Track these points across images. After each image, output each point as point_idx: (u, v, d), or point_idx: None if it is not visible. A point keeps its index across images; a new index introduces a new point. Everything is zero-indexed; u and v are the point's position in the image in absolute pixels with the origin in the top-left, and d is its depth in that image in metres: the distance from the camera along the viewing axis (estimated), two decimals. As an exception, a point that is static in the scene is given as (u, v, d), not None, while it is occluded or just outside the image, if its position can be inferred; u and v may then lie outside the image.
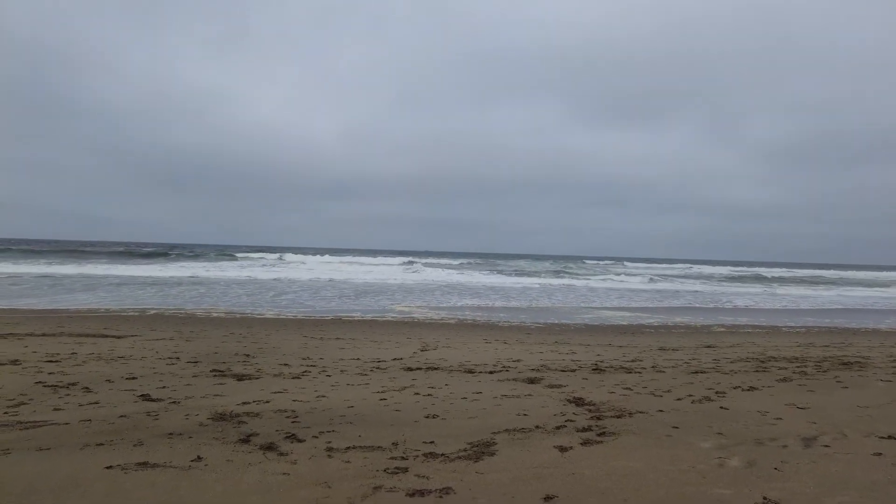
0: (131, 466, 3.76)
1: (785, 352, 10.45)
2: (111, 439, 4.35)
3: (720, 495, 3.40)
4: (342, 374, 7.39)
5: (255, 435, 4.58)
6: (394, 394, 6.26)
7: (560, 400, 6.06)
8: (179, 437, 4.49)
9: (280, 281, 29.30)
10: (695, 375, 7.67)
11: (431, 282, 32.98)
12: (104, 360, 7.95)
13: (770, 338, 13.50)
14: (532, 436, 4.67)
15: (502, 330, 13.89)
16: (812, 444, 4.45)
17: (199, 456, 4.01)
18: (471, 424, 5.03)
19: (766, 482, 3.62)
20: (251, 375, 7.16)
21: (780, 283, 44.77)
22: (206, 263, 43.76)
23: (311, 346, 9.86)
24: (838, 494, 3.41)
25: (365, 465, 3.93)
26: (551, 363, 8.63)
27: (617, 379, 7.39)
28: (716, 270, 61.05)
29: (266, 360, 8.33)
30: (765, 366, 8.60)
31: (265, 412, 5.33)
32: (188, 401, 5.74)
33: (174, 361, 8.03)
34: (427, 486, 3.53)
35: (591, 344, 11.36)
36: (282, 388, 6.41)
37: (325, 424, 4.94)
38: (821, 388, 6.77)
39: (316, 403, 5.73)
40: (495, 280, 36.72)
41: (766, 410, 5.58)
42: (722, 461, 4.03)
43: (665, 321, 17.30)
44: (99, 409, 5.29)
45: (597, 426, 4.96)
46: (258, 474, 3.72)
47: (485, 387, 6.73)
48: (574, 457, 4.14)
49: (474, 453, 4.18)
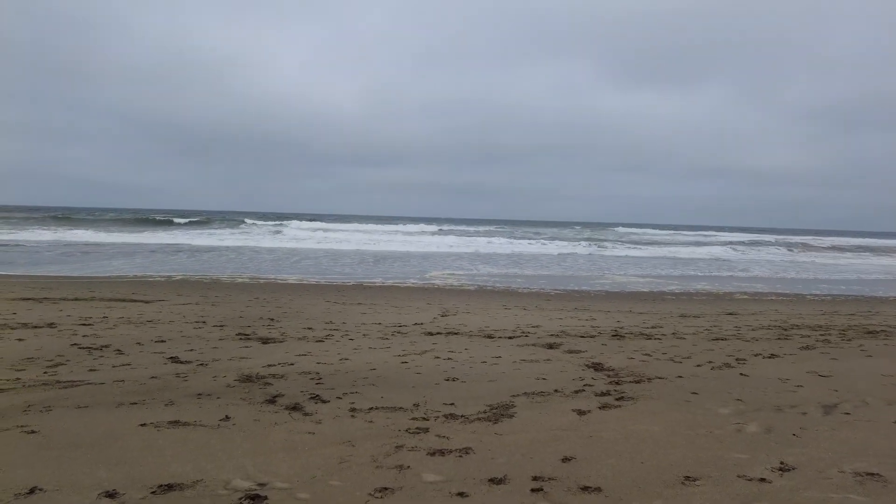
0: (164, 424, 3.92)
1: (808, 320, 10.34)
2: (144, 399, 4.52)
3: (737, 459, 3.44)
4: (364, 338, 7.53)
5: (280, 396, 4.73)
6: (415, 357, 6.37)
7: (579, 365, 6.11)
8: (208, 397, 4.66)
9: (299, 248, 29.64)
10: (715, 342, 7.65)
11: (453, 249, 33.06)
12: (134, 323, 8.20)
13: (794, 306, 13.34)
14: (551, 399, 4.75)
15: (521, 296, 13.94)
16: (832, 412, 4.45)
17: (227, 416, 4.16)
18: (490, 388, 5.12)
19: (783, 448, 3.64)
20: (276, 339, 7.33)
21: (811, 249, 43.91)
22: (226, 230, 44.35)
23: (333, 311, 10.03)
24: (856, 461, 3.42)
25: (387, 425, 4.04)
26: (570, 329, 8.67)
27: (636, 345, 7.41)
28: (743, 237, 60.04)
29: (290, 324, 8.51)
30: (787, 333, 8.53)
31: (290, 374, 5.48)
32: (215, 363, 5.92)
33: (201, 325, 8.25)
34: (447, 445, 3.63)
35: (611, 310, 11.36)
36: (306, 351, 6.57)
37: (349, 386, 5.07)
38: (844, 357, 6.71)
39: (339, 366, 5.87)
40: (517, 247, 36.63)
41: (787, 378, 5.56)
42: (740, 427, 4.05)
43: (686, 288, 17.18)
44: (131, 371, 5.49)
45: (615, 391, 5.01)
46: (284, 433, 3.86)
47: (504, 351, 6.81)
48: (592, 420, 4.21)
49: (493, 415, 4.27)
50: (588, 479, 3.15)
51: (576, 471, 3.27)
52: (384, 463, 3.36)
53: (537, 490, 3.02)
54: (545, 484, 3.08)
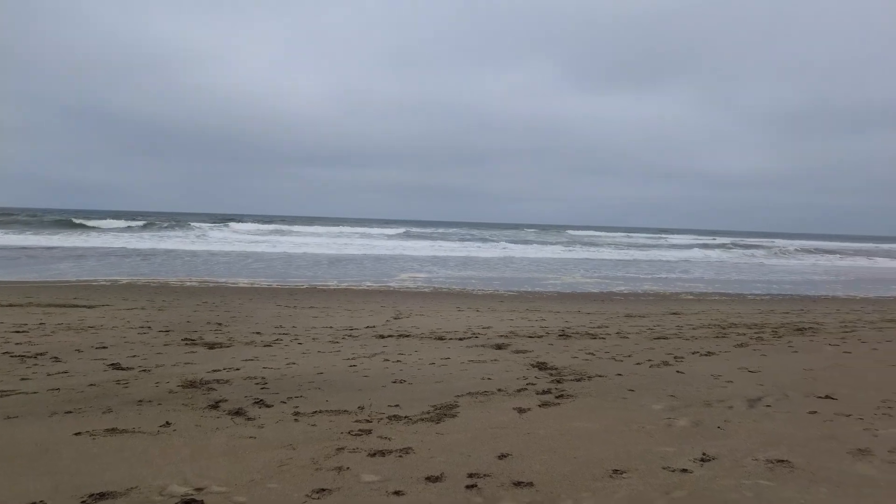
0: (100, 432, 3.85)
1: (746, 319, 10.84)
2: (80, 407, 4.42)
3: (664, 452, 3.63)
4: (314, 342, 7.51)
5: (223, 401, 4.69)
6: (363, 360, 6.40)
7: (524, 365, 6.27)
8: (149, 403, 4.59)
9: (257, 251, 29.12)
10: (657, 341, 7.96)
11: (412, 252, 33.08)
12: (74, 329, 7.94)
13: (734, 305, 13.94)
14: (493, 398, 4.87)
15: (476, 298, 14.10)
16: (756, 405, 4.72)
17: (167, 422, 4.12)
18: (436, 388, 5.20)
19: (707, 440, 3.85)
20: (222, 344, 7.24)
21: (760, 250, 45.80)
22: (178, 232, 43.14)
23: (284, 315, 9.94)
24: (770, 449, 3.66)
25: (330, 427, 4.08)
26: (520, 330, 8.86)
27: (581, 344, 7.63)
28: (699, 240, 62.12)
29: (238, 329, 8.40)
30: (725, 332, 8.93)
31: (235, 379, 5.44)
32: (159, 369, 5.81)
33: (146, 331, 8.06)
34: (388, 446, 3.70)
35: (561, 311, 11.63)
36: (253, 356, 6.51)
37: (294, 390, 5.07)
38: (773, 353, 7.09)
39: (286, 370, 5.85)
40: (477, 249, 36.93)
41: (720, 374, 5.86)
42: (670, 421, 4.26)
43: (634, 289, 17.71)
44: (68, 379, 5.34)
45: (556, 389, 5.18)
46: (225, 438, 3.85)
47: (453, 353, 6.92)
48: (531, 418, 4.34)
49: (436, 415, 4.36)
50: (521, 475, 3.27)
51: (510, 467, 3.39)
52: (324, 465, 3.40)
53: (472, 486, 3.12)
54: (480, 480, 3.19)
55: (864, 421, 4.26)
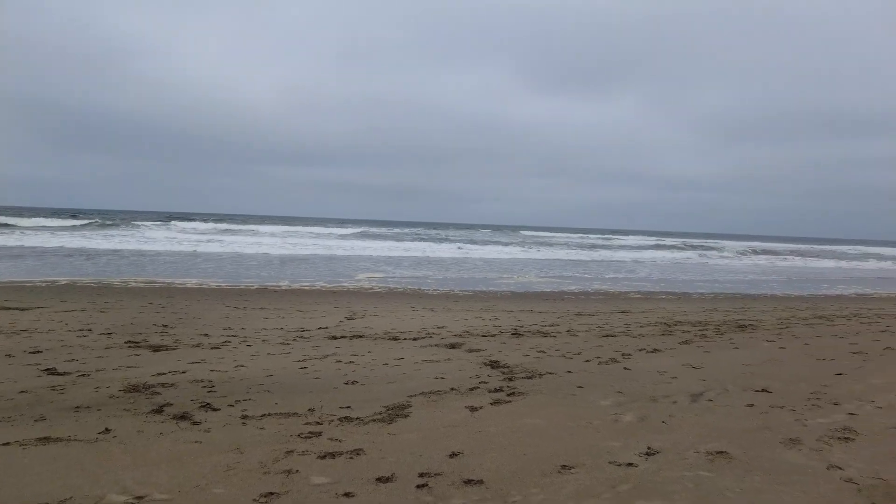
0: (31, 442, 3.66)
1: (691, 316, 11.24)
2: (9, 416, 4.20)
3: (610, 447, 3.72)
4: (263, 344, 7.35)
5: (168, 405, 4.55)
6: (315, 362, 6.32)
7: (477, 363, 6.32)
8: (87, 410, 4.40)
9: (206, 251, 28.29)
10: (605, 339, 8.16)
11: (367, 251, 32.82)
12: (4, 333, 7.53)
13: (680, 304, 14.43)
14: (446, 397, 4.89)
15: (431, 298, 14.11)
16: (698, 399, 4.90)
17: (107, 428, 3.96)
18: (389, 389, 5.18)
19: (652, 434, 3.98)
20: (168, 346, 7.00)
21: (707, 250, 47.52)
22: (126, 231, 41.47)
23: (233, 317, 9.70)
24: (710, 442, 3.81)
25: (279, 430, 4.00)
26: (474, 329, 8.92)
27: (533, 342, 7.75)
28: (648, 240, 63.92)
29: (185, 331, 8.14)
30: (671, 329, 9.24)
31: (181, 382, 5.27)
32: (99, 373, 5.58)
33: (85, 334, 7.71)
34: (339, 448, 3.66)
35: (514, 310, 11.77)
36: (200, 359, 6.33)
37: (242, 393, 4.96)
38: (716, 349, 7.38)
39: (234, 373, 5.71)
40: (433, 249, 36.94)
41: (665, 370, 6.05)
42: (617, 417, 4.38)
43: (585, 288, 18.10)
44: (-2, 384, 5.05)
45: (508, 387, 5.24)
46: (169, 443, 3.73)
47: (407, 353, 6.90)
48: (483, 416, 4.38)
49: (388, 416, 4.34)
50: (472, 473, 3.29)
51: (461, 465, 3.41)
52: (272, 468, 3.33)
53: (422, 486, 3.12)
54: (431, 479, 3.20)
55: (796, 412, 4.49)
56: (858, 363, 6.56)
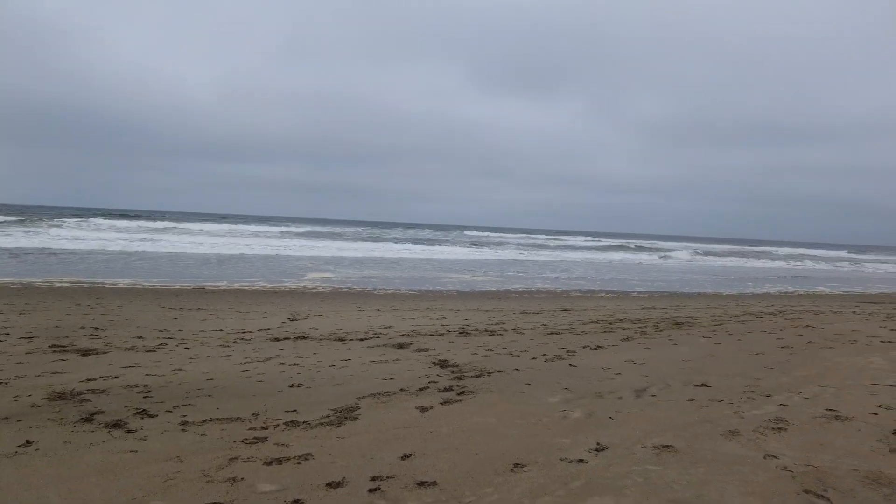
0: (-58, 456, 3.35)
1: (630, 314, 11.60)
2: (-83, 427, 3.82)
3: (560, 444, 3.76)
4: (202, 347, 7.04)
5: (99, 413, 4.27)
6: (257, 365, 6.10)
7: (426, 363, 6.27)
8: (5, 421, 4.06)
9: (138, 249, 26.94)
10: (550, 336, 8.29)
11: (308, 251, 32.17)
12: (-89, 338, 6.89)
13: (619, 302, 14.88)
14: (395, 398, 4.82)
15: (377, 297, 13.96)
16: (642, 395, 5.04)
17: (28, 440, 3.67)
18: (336, 391, 5.06)
19: (600, 429, 4.05)
20: (98, 350, 6.59)
21: (644, 251, 49.26)
22: (45, 228, 38.94)
23: (169, 318, 9.26)
24: (656, 436, 3.91)
25: (222, 437, 3.82)
26: (422, 328, 8.87)
27: (481, 341, 7.78)
28: (589, 242, 65.63)
29: (117, 334, 7.70)
30: (612, 327, 9.49)
31: (113, 388, 4.97)
32: (18, 381, 5.17)
33: (3, 338, 7.16)
34: (286, 453, 3.53)
35: (461, 309, 11.80)
36: (134, 363, 5.99)
37: (181, 398, 4.72)
38: (656, 346, 7.63)
39: (172, 377, 5.44)
40: (377, 249, 36.60)
41: (609, 367, 6.20)
42: (565, 413, 4.44)
43: (529, 287, 18.39)
44: None
45: (457, 386, 5.23)
46: (100, 454, 3.49)
47: (354, 354, 6.78)
48: (433, 416, 4.34)
49: (337, 419, 4.23)
50: (425, 475, 3.24)
51: (414, 467, 3.36)
52: (215, 477, 3.17)
53: (375, 490, 3.05)
54: (383, 483, 3.13)
55: (733, 405, 4.69)
56: (785, 357, 6.93)
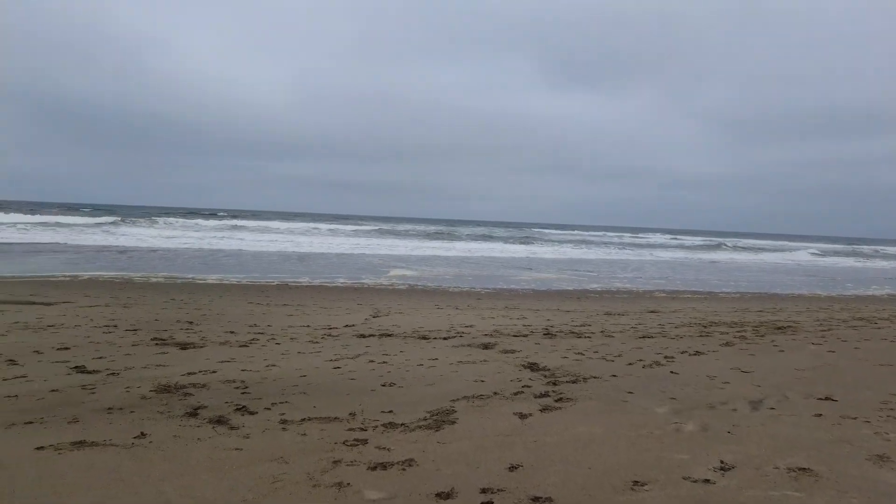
0: (66, 446, 3.48)
1: (724, 317, 10.90)
2: (42, 417, 4.02)
3: (679, 460, 3.46)
4: (292, 342, 7.16)
5: (203, 408, 4.35)
6: (347, 362, 6.11)
7: (515, 365, 6.07)
8: (120, 411, 4.21)
9: (221, 246, 28.27)
10: (643, 340, 7.87)
11: (377, 249, 32.70)
12: (31, 329, 7.40)
13: (708, 303, 14.07)
14: (491, 402, 4.65)
15: (453, 295, 13.88)
16: (759, 407, 4.62)
17: (142, 432, 3.76)
18: (429, 392, 4.95)
19: (720, 445, 3.71)
20: (195, 344, 6.83)
21: (721, 250, 46.88)
22: (137, 226, 41.69)
23: (257, 313, 9.53)
24: (788, 456, 3.53)
25: (322, 437, 3.79)
26: (504, 328, 8.67)
27: (568, 343, 7.49)
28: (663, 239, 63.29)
29: (211, 328, 7.97)
30: (707, 331, 8.92)
31: (212, 383, 5.08)
32: (128, 372, 5.40)
33: (111, 330, 7.57)
34: (388, 458, 3.43)
35: (540, 309, 11.50)
36: (229, 357, 6.14)
37: (278, 395, 4.76)
38: (761, 353, 7.07)
39: (266, 373, 5.52)
40: (444, 246, 36.73)
41: (714, 375, 5.76)
42: (678, 426, 4.11)
43: (608, 287, 17.76)
44: (27, 384, 4.89)
45: (554, 392, 4.99)
46: (208, 450, 3.52)
47: (440, 353, 6.67)
48: (535, 423, 4.14)
49: (434, 422, 4.11)
50: (538, 489, 3.05)
51: (524, 479, 3.17)
52: (321, 480, 3.11)
53: (487, 503, 2.88)
54: (494, 496, 2.96)
55: (872, 424, 4.19)
56: (916, 369, 6.22)
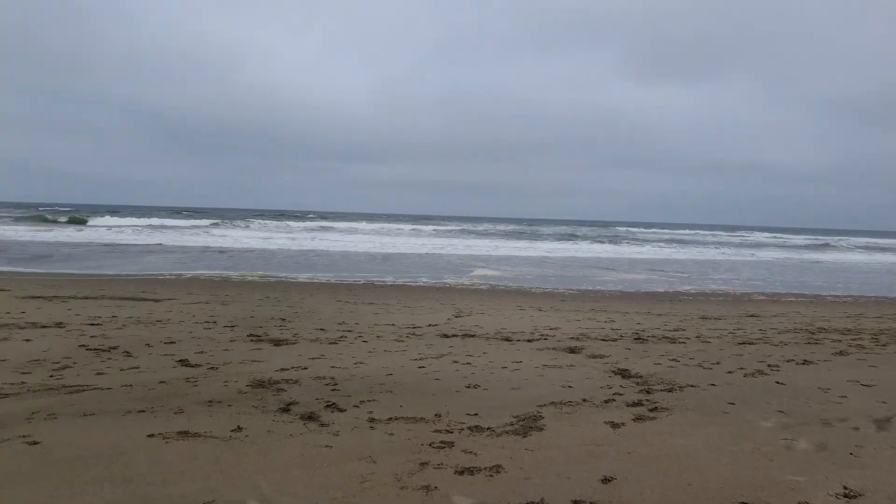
0: (172, 436, 3.69)
1: (835, 323, 10.00)
2: (152, 406, 4.30)
3: (793, 482, 3.16)
4: (378, 340, 7.28)
5: (294, 404, 4.49)
6: (432, 361, 6.12)
7: (604, 371, 5.84)
8: (219, 404, 4.43)
9: (311, 247, 29.48)
10: (743, 347, 7.35)
11: (461, 249, 32.85)
12: (143, 323, 8.00)
13: (815, 307, 12.96)
14: (580, 410, 4.48)
15: (535, 296, 13.65)
16: (886, 427, 4.15)
17: (239, 426, 3.93)
18: (514, 396, 4.86)
19: (842, 469, 3.36)
20: (288, 340, 7.10)
21: (830, 250, 43.32)
22: (233, 228, 44.34)
23: (345, 311, 9.80)
24: (926, 484, 3.14)
25: (409, 438, 3.79)
26: (590, 332, 8.39)
27: (661, 349, 7.12)
28: (759, 237, 59.47)
29: (302, 325, 8.28)
30: (816, 338, 8.21)
31: (304, 379, 5.25)
32: (226, 366, 5.69)
33: (211, 325, 8.04)
34: (476, 462, 3.37)
35: (629, 311, 11.05)
36: (319, 354, 6.33)
37: (365, 393, 4.83)
38: (883, 364, 6.39)
39: (354, 370, 5.63)
40: (525, 246, 36.34)
41: (828, 387, 5.26)
42: (789, 443, 3.77)
43: (702, 288, 16.82)
44: (139, 375, 5.27)
45: (647, 400, 4.74)
46: (300, 446, 3.62)
47: (524, 356, 6.54)
48: (628, 434, 3.94)
49: (521, 428, 4.01)
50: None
51: (618, 493, 3.01)
52: (409, 483, 3.11)
53: (579, 517, 2.76)
54: (587, 509, 2.82)
55: None
56: None
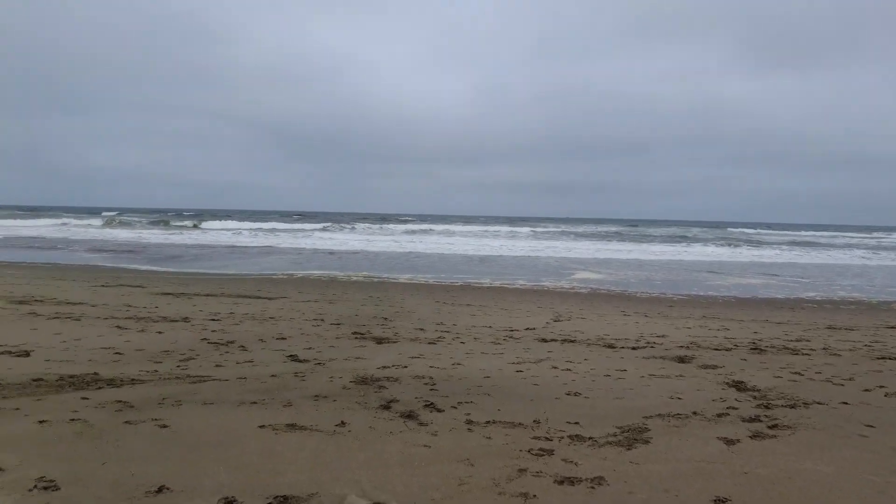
0: (281, 427, 3.90)
1: None
2: (263, 398, 4.57)
3: (947, 519, 2.76)
4: (476, 342, 7.29)
5: (395, 401, 4.59)
6: (530, 366, 6.03)
7: (717, 383, 5.45)
8: (325, 399, 4.62)
9: (410, 249, 30.20)
10: (881, 362, 6.58)
11: (560, 251, 32.22)
12: (257, 320, 8.57)
13: (974, 320, 11.33)
14: (689, 423, 4.21)
15: (640, 301, 13.07)
16: None
17: (342, 421, 4.07)
18: (617, 406, 4.66)
19: None
20: (389, 339, 7.30)
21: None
22: (340, 231, 46.43)
23: (443, 312, 9.92)
24: None
25: (507, 442, 3.74)
26: (701, 340, 7.89)
27: (782, 361, 6.54)
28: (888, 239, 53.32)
29: (402, 324, 8.48)
30: (975, 354, 7.16)
31: (404, 377, 5.36)
32: (332, 362, 5.94)
33: (319, 323, 8.45)
34: (576, 473, 3.26)
35: (745, 319, 10.28)
36: (418, 353, 6.45)
37: (463, 394, 4.84)
38: None
39: (452, 371, 5.67)
40: (631, 248, 34.96)
41: None
42: (941, 474, 3.30)
43: (828, 295, 15.28)
44: (253, 368, 5.64)
45: (766, 417, 4.36)
46: (399, 444, 3.68)
47: (628, 364, 6.27)
48: (743, 452, 3.64)
49: (625, 439, 3.83)
50: (751, 530, 2.65)
51: (733, 517, 2.78)
52: (507, 489, 3.06)
53: (689, 539, 2.57)
54: (698, 532, 2.63)
55: None
56: None
